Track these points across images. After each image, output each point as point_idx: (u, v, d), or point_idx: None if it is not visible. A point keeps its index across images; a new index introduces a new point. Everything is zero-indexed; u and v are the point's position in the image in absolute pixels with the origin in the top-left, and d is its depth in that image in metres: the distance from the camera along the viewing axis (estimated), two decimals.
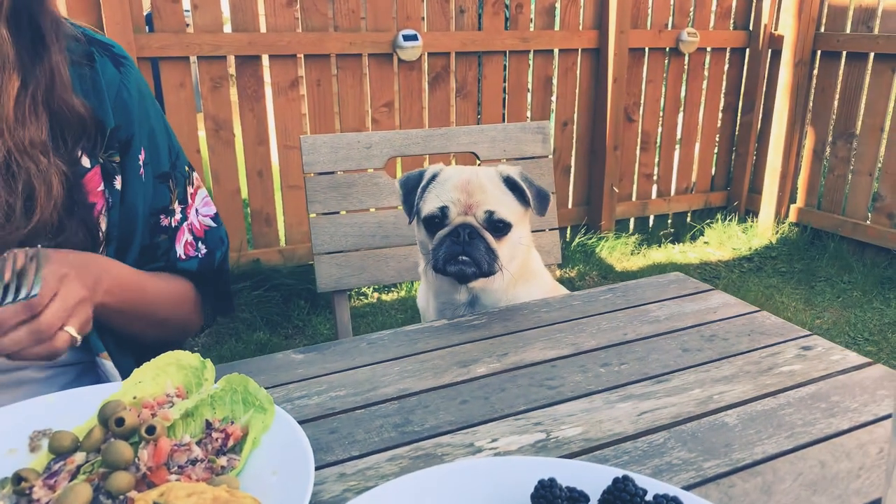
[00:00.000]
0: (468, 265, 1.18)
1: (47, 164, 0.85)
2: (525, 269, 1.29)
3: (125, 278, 0.94)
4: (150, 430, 0.64)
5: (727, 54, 4.57)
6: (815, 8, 4.23)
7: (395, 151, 1.65)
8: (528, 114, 4.11)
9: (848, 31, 4.16)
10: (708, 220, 4.78)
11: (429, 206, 1.25)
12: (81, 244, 0.91)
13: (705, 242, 4.64)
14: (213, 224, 1.14)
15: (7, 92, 0.82)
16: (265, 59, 3.40)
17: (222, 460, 0.66)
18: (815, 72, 4.37)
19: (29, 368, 0.94)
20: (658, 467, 0.70)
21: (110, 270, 0.91)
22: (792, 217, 4.61)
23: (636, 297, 1.11)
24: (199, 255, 1.10)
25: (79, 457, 0.63)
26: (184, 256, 1.08)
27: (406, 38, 3.54)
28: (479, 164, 1.68)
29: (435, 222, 1.24)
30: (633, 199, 4.57)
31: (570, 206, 4.41)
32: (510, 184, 1.26)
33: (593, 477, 0.61)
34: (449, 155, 1.75)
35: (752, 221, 4.76)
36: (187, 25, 3.26)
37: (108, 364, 0.94)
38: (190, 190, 1.11)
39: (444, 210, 1.22)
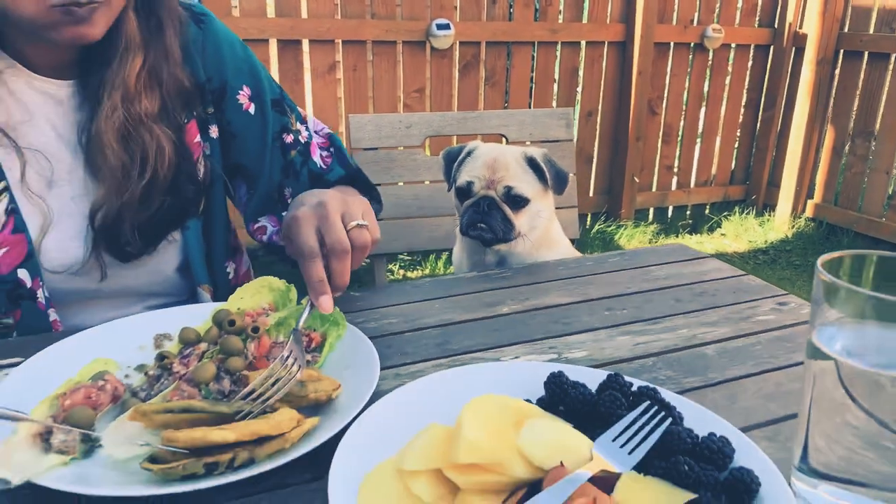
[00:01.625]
0: (485, 231, 1.38)
1: (160, 133, 1.02)
2: (547, 237, 1.48)
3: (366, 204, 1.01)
4: (255, 329, 0.84)
5: (751, 51, 4.68)
6: (839, 8, 4.32)
7: (432, 131, 1.83)
8: (554, 103, 4.26)
9: (871, 31, 4.26)
10: (726, 213, 4.91)
11: (460, 178, 1.44)
12: (191, 194, 1.09)
13: (722, 234, 4.78)
14: (329, 130, 1.30)
15: (132, 68, 0.98)
16: (305, 44, 3.59)
17: (308, 357, 0.85)
18: (838, 70, 4.46)
19: (137, 307, 1.14)
20: (647, 381, 0.88)
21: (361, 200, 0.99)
22: (808, 212, 4.73)
23: (640, 261, 1.29)
24: (334, 160, 1.24)
25: (202, 346, 0.83)
26: (324, 166, 1.23)
27: (439, 26, 3.71)
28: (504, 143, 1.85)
29: (463, 193, 1.44)
30: (654, 189, 4.72)
31: (591, 194, 4.56)
32: (532, 164, 1.44)
33: (593, 377, 0.79)
34: (477, 136, 1.92)
35: (770, 215, 4.88)
36: (234, 11, 3.46)
37: (206, 296, 1.14)
38: (302, 112, 1.26)
39: (469, 184, 1.41)
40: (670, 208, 4.84)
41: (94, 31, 0.92)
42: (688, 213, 4.89)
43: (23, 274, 0.98)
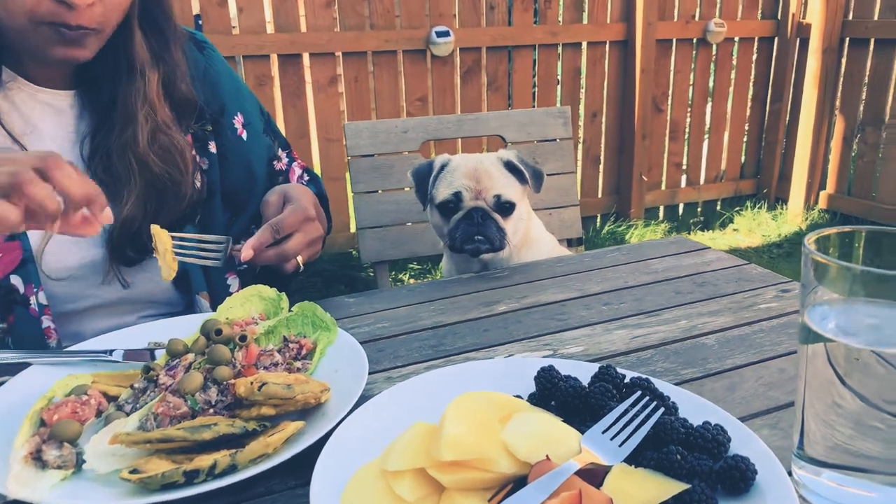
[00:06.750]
0: (483, 243, 1.34)
1: (179, 138, 1.07)
2: (525, 237, 1.46)
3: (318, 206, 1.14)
4: (243, 338, 0.83)
5: (755, 44, 4.64)
6: None
7: (429, 135, 1.82)
8: (558, 105, 4.24)
9: (876, 17, 4.20)
10: (737, 208, 4.85)
11: (442, 192, 1.39)
12: (196, 198, 1.12)
13: (735, 230, 4.72)
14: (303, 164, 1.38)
15: (151, 83, 1.04)
16: (306, 58, 3.61)
17: (297, 364, 0.84)
18: (844, 59, 4.41)
19: (132, 316, 1.14)
20: (644, 374, 0.85)
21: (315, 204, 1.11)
22: (822, 203, 4.66)
23: (639, 255, 1.27)
24: (311, 183, 1.32)
25: (190, 356, 0.82)
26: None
27: (439, 34, 3.71)
28: (507, 146, 1.84)
29: (449, 207, 1.39)
30: (663, 187, 4.67)
31: (599, 195, 4.53)
32: (510, 167, 1.42)
33: (585, 370, 0.78)
34: (480, 138, 1.90)
35: (782, 208, 4.82)
36: (234, 29, 3.49)
37: (205, 304, 1.14)
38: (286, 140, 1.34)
39: (458, 195, 1.37)
40: (681, 206, 4.79)
41: (84, 54, 0.96)
42: (699, 209, 4.84)
43: (15, 280, 1.00)
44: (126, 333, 0.96)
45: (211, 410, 0.74)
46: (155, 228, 0.92)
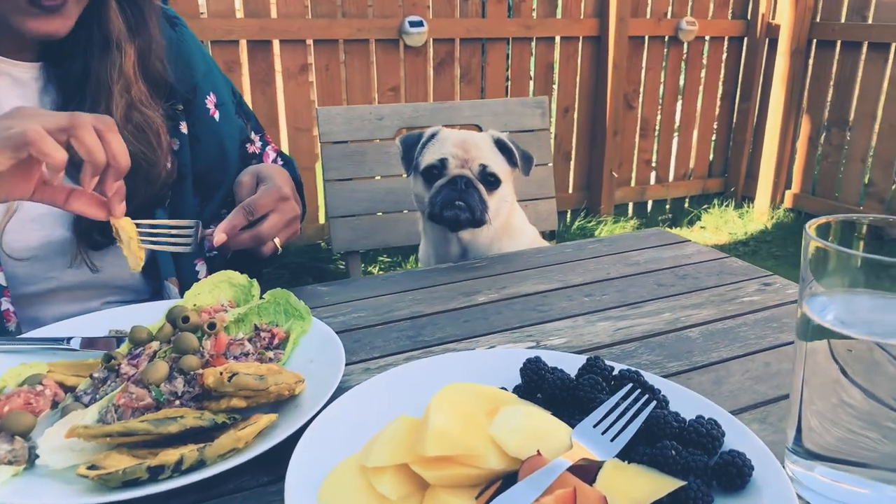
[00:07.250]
0: (463, 210, 1.31)
1: (153, 116, 1.02)
2: (508, 225, 1.44)
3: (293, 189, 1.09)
4: (211, 325, 0.78)
5: (725, 43, 4.68)
6: None
7: (404, 123, 1.78)
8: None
9: (843, 20, 4.27)
10: (705, 206, 4.90)
11: (429, 158, 1.38)
12: (166, 181, 1.07)
13: (702, 227, 4.77)
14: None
15: (128, 57, 0.98)
16: (276, 45, 3.53)
17: (270, 353, 0.80)
18: (811, 60, 4.48)
19: (96, 301, 1.09)
20: (629, 366, 0.83)
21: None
22: (787, 203, 4.74)
23: (620, 247, 1.26)
24: (286, 168, 1.25)
25: (154, 345, 0.77)
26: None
27: (412, 24, 3.66)
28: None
29: (433, 173, 1.37)
30: (632, 184, 4.70)
31: (570, 190, 4.53)
32: (500, 145, 1.41)
33: (571, 361, 0.75)
34: (455, 127, 1.86)
35: (749, 207, 4.88)
36: (202, 14, 3.39)
37: (174, 290, 1.09)
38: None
39: (443, 161, 1.35)
40: (649, 202, 4.82)
41: (65, 24, 0.91)
42: (667, 206, 4.88)
43: None
44: (86, 320, 0.90)
45: (177, 402, 0.69)
46: (114, 219, 0.86)
